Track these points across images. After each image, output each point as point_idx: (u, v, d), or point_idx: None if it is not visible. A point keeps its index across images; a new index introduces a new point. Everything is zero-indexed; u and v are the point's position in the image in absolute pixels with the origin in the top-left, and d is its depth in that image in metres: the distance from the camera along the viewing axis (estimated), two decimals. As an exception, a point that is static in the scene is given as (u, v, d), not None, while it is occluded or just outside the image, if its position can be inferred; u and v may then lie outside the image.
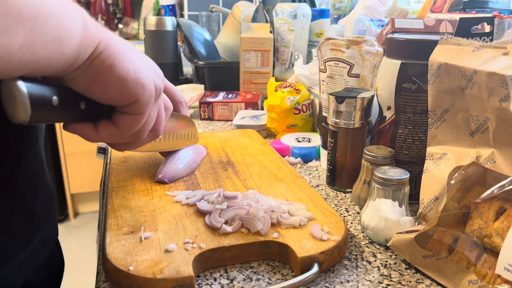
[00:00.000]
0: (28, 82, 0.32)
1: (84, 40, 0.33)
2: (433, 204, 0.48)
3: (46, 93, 0.33)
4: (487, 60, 0.41)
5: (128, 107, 0.39)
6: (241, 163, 0.66)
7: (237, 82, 1.11)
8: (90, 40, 0.33)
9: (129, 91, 0.37)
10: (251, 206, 0.49)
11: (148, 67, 0.40)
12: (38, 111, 0.32)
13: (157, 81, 0.41)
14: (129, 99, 0.38)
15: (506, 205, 0.38)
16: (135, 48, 0.40)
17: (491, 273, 0.37)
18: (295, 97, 0.81)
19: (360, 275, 0.44)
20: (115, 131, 0.40)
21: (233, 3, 1.44)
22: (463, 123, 0.45)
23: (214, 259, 0.44)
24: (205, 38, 1.33)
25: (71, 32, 0.32)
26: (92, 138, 0.40)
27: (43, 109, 0.33)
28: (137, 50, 0.41)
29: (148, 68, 0.40)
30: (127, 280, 0.40)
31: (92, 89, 0.36)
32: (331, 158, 0.62)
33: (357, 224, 0.53)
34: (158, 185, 0.58)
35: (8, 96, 0.31)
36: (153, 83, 0.39)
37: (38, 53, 0.29)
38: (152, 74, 0.40)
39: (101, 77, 0.35)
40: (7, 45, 0.27)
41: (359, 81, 0.64)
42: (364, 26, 0.97)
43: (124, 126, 0.40)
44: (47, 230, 0.49)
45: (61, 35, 0.31)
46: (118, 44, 0.36)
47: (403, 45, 0.54)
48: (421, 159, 0.52)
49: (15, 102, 0.31)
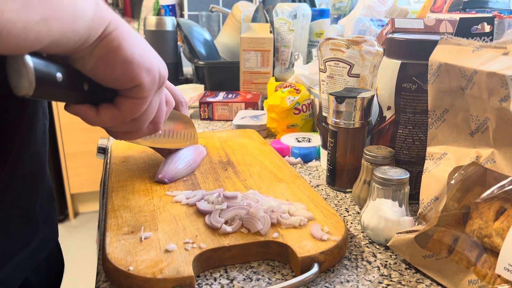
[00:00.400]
0: (34, 57, 0.33)
1: (96, 19, 0.34)
2: (433, 204, 0.48)
3: (51, 69, 0.34)
4: (487, 60, 0.41)
5: (131, 91, 0.39)
6: (241, 163, 0.66)
7: (237, 82, 1.11)
8: (101, 19, 0.34)
9: (134, 73, 0.38)
10: (251, 206, 0.49)
11: (153, 54, 0.41)
12: (42, 86, 0.34)
13: (161, 68, 0.41)
14: (133, 81, 0.38)
15: (506, 205, 0.38)
16: (141, 37, 0.41)
17: (491, 273, 0.37)
18: (295, 97, 0.81)
19: (360, 275, 0.44)
20: (117, 114, 0.40)
21: (233, 3, 1.44)
22: (463, 123, 0.45)
23: (214, 259, 0.44)
24: (205, 38, 1.33)
25: (84, 10, 0.32)
26: (92, 121, 0.40)
27: (47, 84, 0.34)
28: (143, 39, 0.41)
29: (154, 55, 0.41)
30: (127, 280, 0.40)
31: (97, 70, 0.37)
32: (331, 158, 0.62)
33: (357, 224, 0.53)
34: (158, 185, 0.58)
35: (14, 69, 0.32)
36: (157, 69, 0.40)
37: (53, 30, 0.30)
38: (157, 61, 0.40)
39: (108, 57, 0.36)
40: (25, 20, 0.28)
41: (359, 81, 0.64)
42: (364, 26, 0.97)
43: (126, 109, 0.40)
44: (46, 231, 0.49)
45: (76, 13, 0.31)
46: (126, 27, 0.37)
47: (403, 45, 0.54)
48: (421, 159, 0.52)
49: (20, 75, 0.32)
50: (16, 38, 0.28)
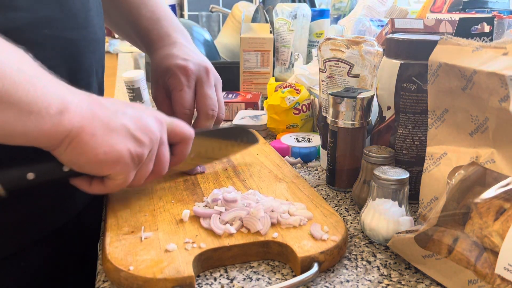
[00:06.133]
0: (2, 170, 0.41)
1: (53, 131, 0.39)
2: (432, 204, 0.48)
3: (19, 173, 0.42)
4: (487, 60, 0.41)
5: (107, 177, 0.45)
6: (241, 163, 0.66)
7: (237, 82, 1.11)
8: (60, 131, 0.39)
9: (100, 169, 0.43)
10: (251, 206, 0.49)
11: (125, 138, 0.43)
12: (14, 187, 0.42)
13: (135, 149, 0.44)
14: (102, 174, 0.44)
15: (506, 205, 0.38)
16: (122, 109, 0.45)
17: (491, 273, 0.37)
18: (295, 97, 0.81)
19: (360, 275, 0.44)
20: (104, 189, 0.46)
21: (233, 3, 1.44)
22: (463, 123, 0.45)
23: (214, 259, 0.44)
24: (205, 38, 1.33)
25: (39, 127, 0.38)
26: (87, 191, 0.47)
27: (18, 185, 0.42)
28: (123, 112, 0.44)
29: (126, 139, 0.43)
30: (127, 280, 0.40)
31: (71, 165, 0.43)
32: (331, 158, 0.62)
33: (357, 224, 0.54)
34: (158, 185, 0.58)
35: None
36: (128, 155, 0.43)
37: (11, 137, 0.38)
38: (129, 145, 0.43)
39: (75, 158, 0.41)
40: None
41: (359, 81, 0.64)
42: (364, 26, 0.97)
43: (110, 186, 0.46)
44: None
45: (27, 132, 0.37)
46: (92, 127, 0.41)
47: (402, 45, 0.54)
48: (421, 159, 0.52)
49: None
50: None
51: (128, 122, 0.44)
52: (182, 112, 0.61)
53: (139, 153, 0.44)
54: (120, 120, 0.43)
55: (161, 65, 0.63)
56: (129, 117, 0.44)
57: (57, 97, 0.39)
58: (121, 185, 0.46)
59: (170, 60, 0.63)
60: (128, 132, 0.44)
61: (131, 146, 0.44)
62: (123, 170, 0.44)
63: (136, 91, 1.04)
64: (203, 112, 0.62)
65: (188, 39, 0.69)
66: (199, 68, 0.62)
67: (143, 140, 0.45)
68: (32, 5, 0.46)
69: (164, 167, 0.50)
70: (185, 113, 0.61)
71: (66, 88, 0.41)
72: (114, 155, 0.42)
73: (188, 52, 0.64)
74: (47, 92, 0.38)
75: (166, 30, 0.67)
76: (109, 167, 0.43)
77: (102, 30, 0.60)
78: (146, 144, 0.45)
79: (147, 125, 0.46)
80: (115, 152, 0.42)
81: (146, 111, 0.48)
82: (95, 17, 0.56)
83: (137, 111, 0.46)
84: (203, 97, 0.62)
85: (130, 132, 0.44)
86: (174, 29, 0.68)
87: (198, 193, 0.56)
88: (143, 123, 0.45)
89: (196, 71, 0.62)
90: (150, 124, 0.46)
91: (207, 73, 0.63)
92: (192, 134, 0.53)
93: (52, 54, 0.49)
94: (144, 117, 0.46)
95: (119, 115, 0.44)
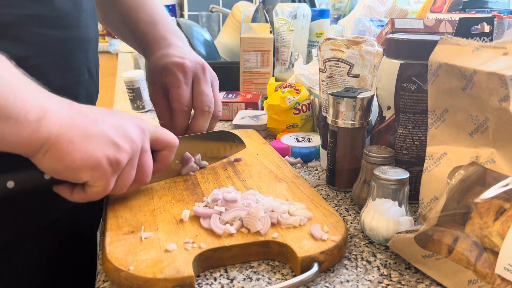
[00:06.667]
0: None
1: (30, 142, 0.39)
2: (432, 204, 0.48)
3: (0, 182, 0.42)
4: (487, 60, 0.41)
5: (87, 184, 0.44)
6: (241, 163, 0.66)
7: (237, 82, 1.11)
8: (37, 138, 0.39)
9: (78, 176, 0.43)
10: (251, 206, 0.49)
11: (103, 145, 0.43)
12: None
13: (114, 155, 0.44)
14: (81, 180, 0.43)
15: (506, 205, 0.38)
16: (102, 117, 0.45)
17: (491, 273, 0.37)
18: (295, 97, 0.81)
19: (360, 275, 0.44)
20: (85, 197, 0.46)
21: (233, 3, 1.44)
22: (463, 123, 0.45)
23: (214, 259, 0.44)
24: (205, 38, 1.33)
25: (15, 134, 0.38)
26: (69, 198, 0.46)
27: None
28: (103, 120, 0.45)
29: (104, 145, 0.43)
30: (127, 280, 0.40)
31: (50, 172, 0.43)
32: (331, 158, 0.62)
33: (357, 224, 0.54)
34: (158, 185, 0.58)
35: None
36: (106, 161, 0.43)
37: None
38: (107, 151, 0.43)
39: (53, 166, 0.41)
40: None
41: (359, 81, 0.64)
42: (364, 26, 0.97)
43: (91, 193, 0.45)
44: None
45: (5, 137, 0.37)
46: (70, 134, 0.41)
47: (402, 45, 0.54)
48: (421, 159, 0.52)
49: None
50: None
51: (107, 129, 0.44)
52: (180, 109, 0.62)
53: (117, 159, 0.44)
54: (99, 127, 0.44)
55: (158, 65, 0.64)
56: (109, 124, 0.45)
57: (36, 104, 0.39)
58: (102, 192, 0.45)
59: (167, 59, 0.63)
60: (107, 138, 0.44)
61: (109, 152, 0.43)
62: (102, 177, 0.44)
63: (136, 91, 1.04)
64: (199, 109, 0.62)
65: (184, 41, 0.70)
66: (196, 66, 0.63)
67: (123, 147, 0.45)
68: (23, 2, 0.47)
69: (147, 175, 0.50)
70: (183, 109, 0.62)
71: (47, 95, 0.41)
72: (91, 161, 0.42)
73: (184, 52, 0.65)
74: (26, 99, 0.38)
75: (162, 33, 0.68)
76: (87, 174, 0.43)
77: (95, 30, 0.60)
78: (125, 150, 0.45)
79: (127, 132, 0.46)
80: (92, 158, 0.42)
81: (128, 118, 0.48)
82: (87, 18, 0.56)
83: (118, 118, 0.46)
84: (200, 94, 0.62)
85: (109, 139, 0.44)
86: (170, 32, 0.69)
87: (198, 193, 0.56)
88: (123, 130, 0.45)
89: (193, 68, 0.63)
90: (131, 131, 0.46)
91: (204, 70, 0.64)
92: (176, 142, 0.53)
93: (41, 52, 0.49)
94: (125, 124, 0.46)
95: (99, 122, 0.44)
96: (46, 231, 0.57)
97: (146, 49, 0.69)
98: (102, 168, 0.43)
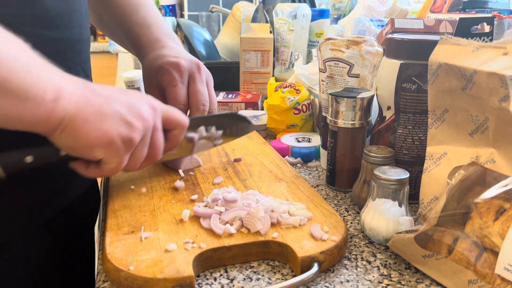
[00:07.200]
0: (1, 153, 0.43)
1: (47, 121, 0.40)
2: (432, 204, 0.48)
3: (17, 157, 0.44)
4: (487, 60, 0.41)
5: (102, 161, 0.46)
6: (241, 163, 0.66)
7: (237, 82, 1.11)
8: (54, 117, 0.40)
9: (94, 153, 0.44)
10: (251, 206, 0.49)
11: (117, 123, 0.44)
12: (13, 169, 0.43)
13: (127, 133, 0.45)
14: (96, 157, 0.45)
15: (506, 205, 0.38)
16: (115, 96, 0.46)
17: (491, 273, 0.37)
18: (295, 97, 0.81)
19: (360, 275, 0.44)
20: (99, 173, 0.47)
21: (233, 3, 1.44)
22: (463, 123, 0.45)
23: (214, 259, 0.44)
24: (205, 38, 1.33)
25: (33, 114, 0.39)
26: (84, 174, 0.48)
27: (17, 167, 0.44)
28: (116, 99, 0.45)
29: (117, 124, 0.44)
30: (127, 280, 0.40)
31: (66, 149, 0.44)
32: (331, 158, 0.62)
33: (357, 224, 0.54)
34: (158, 185, 0.58)
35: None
36: (119, 139, 0.44)
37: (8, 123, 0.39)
38: (120, 130, 0.44)
39: (69, 144, 0.43)
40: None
41: (359, 81, 0.64)
42: (364, 26, 0.97)
43: (105, 170, 0.47)
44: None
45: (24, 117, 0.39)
46: (84, 113, 0.42)
47: (402, 45, 0.54)
48: (421, 159, 0.52)
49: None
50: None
51: (120, 108, 0.45)
52: (177, 107, 0.62)
53: (130, 137, 0.45)
54: (113, 106, 0.44)
55: (153, 65, 0.65)
56: (122, 103, 0.45)
57: (52, 85, 0.40)
58: (116, 169, 0.47)
59: (162, 59, 0.64)
60: (120, 117, 0.44)
61: (123, 131, 0.44)
62: (115, 154, 0.45)
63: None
64: (195, 107, 0.63)
65: (178, 43, 0.71)
66: (191, 65, 0.64)
67: (135, 125, 0.46)
68: (15, 2, 0.47)
69: (158, 153, 0.51)
70: (180, 108, 0.62)
71: (61, 75, 0.42)
72: (106, 139, 0.43)
73: (179, 52, 0.66)
74: (42, 79, 0.39)
75: (156, 35, 0.69)
76: (101, 151, 0.44)
77: (88, 31, 0.61)
78: (138, 128, 0.46)
79: (140, 110, 0.47)
80: (106, 137, 0.43)
81: (140, 97, 0.49)
82: (80, 18, 0.57)
83: (131, 97, 0.47)
84: (195, 92, 0.63)
85: (122, 117, 0.45)
86: (164, 34, 0.70)
87: (198, 193, 0.56)
88: (136, 109, 0.46)
89: (188, 67, 0.64)
90: (143, 110, 0.47)
91: (199, 69, 0.65)
92: (186, 122, 0.54)
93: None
94: (138, 103, 0.47)
95: (112, 101, 0.45)
96: (42, 229, 0.57)
97: (140, 51, 0.70)
98: (116, 145, 0.44)
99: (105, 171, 0.47)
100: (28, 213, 0.54)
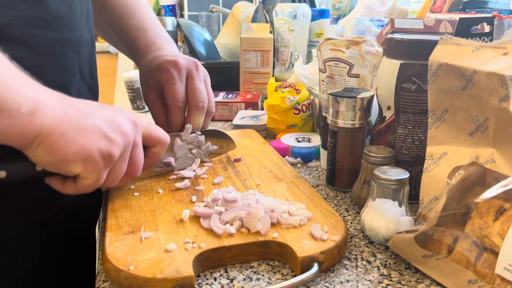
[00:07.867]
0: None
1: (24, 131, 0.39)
2: (432, 204, 0.48)
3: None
4: (487, 60, 0.41)
5: (79, 176, 0.45)
6: (241, 163, 0.66)
7: (237, 82, 1.11)
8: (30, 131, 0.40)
9: (71, 169, 0.43)
10: (251, 206, 0.49)
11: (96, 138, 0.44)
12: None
13: (106, 148, 0.44)
14: (73, 173, 0.44)
15: (506, 205, 0.38)
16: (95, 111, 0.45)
17: (491, 273, 0.37)
18: (295, 97, 0.81)
19: (360, 274, 0.44)
20: (76, 189, 0.46)
21: (233, 3, 1.44)
22: (463, 123, 0.45)
23: (214, 259, 0.44)
24: (205, 38, 1.33)
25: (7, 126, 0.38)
26: (60, 190, 0.47)
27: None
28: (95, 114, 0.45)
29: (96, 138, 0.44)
30: (127, 280, 0.40)
31: (42, 165, 0.43)
32: (331, 158, 0.62)
33: (357, 224, 0.54)
34: (158, 185, 0.58)
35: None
36: (98, 154, 0.44)
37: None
38: (100, 144, 0.44)
39: (45, 158, 0.42)
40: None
41: (359, 81, 0.64)
42: (364, 26, 0.97)
43: (83, 186, 0.46)
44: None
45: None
46: (62, 127, 0.41)
47: (402, 45, 0.54)
48: (421, 159, 0.52)
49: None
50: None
51: (100, 123, 0.44)
52: (175, 105, 0.62)
53: (110, 152, 0.45)
54: (92, 121, 0.44)
55: (151, 66, 0.65)
56: (102, 118, 0.45)
57: (29, 97, 0.39)
58: (94, 185, 0.46)
59: (160, 59, 0.65)
60: (100, 132, 0.44)
61: (102, 145, 0.44)
62: (94, 169, 0.44)
63: (136, 91, 1.04)
64: (194, 105, 0.63)
65: (174, 46, 0.72)
66: (189, 63, 0.65)
67: (115, 140, 0.45)
68: (17, 4, 0.47)
69: (138, 169, 0.50)
70: (178, 106, 0.62)
71: (40, 89, 0.42)
72: (84, 154, 0.43)
73: (175, 53, 0.67)
74: (19, 91, 0.39)
75: (152, 39, 0.70)
76: (79, 166, 0.43)
77: (90, 32, 0.61)
78: (117, 143, 0.45)
79: (120, 125, 0.46)
80: (84, 151, 0.43)
81: (121, 112, 0.48)
82: (81, 19, 0.57)
83: (111, 112, 0.47)
84: (194, 90, 0.63)
85: (102, 132, 0.44)
86: (160, 38, 0.71)
87: (198, 193, 0.56)
88: (116, 123, 0.46)
89: (186, 65, 0.64)
90: (123, 125, 0.47)
91: (197, 67, 0.65)
92: (167, 139, 0.54)
93: (36, 53, 0.50)
94: (118, 118, 0.47)
95: (91, 116, 0.44)
96: (42, 227, 0.57)
97: (136, 54, 0.70)
98: (94, 160, 0.44)
99: (82, 186, 0.46)
100: (28, 211, 0.54)
